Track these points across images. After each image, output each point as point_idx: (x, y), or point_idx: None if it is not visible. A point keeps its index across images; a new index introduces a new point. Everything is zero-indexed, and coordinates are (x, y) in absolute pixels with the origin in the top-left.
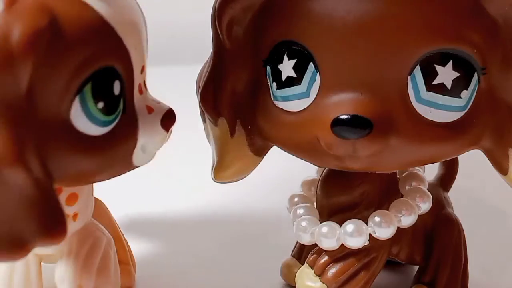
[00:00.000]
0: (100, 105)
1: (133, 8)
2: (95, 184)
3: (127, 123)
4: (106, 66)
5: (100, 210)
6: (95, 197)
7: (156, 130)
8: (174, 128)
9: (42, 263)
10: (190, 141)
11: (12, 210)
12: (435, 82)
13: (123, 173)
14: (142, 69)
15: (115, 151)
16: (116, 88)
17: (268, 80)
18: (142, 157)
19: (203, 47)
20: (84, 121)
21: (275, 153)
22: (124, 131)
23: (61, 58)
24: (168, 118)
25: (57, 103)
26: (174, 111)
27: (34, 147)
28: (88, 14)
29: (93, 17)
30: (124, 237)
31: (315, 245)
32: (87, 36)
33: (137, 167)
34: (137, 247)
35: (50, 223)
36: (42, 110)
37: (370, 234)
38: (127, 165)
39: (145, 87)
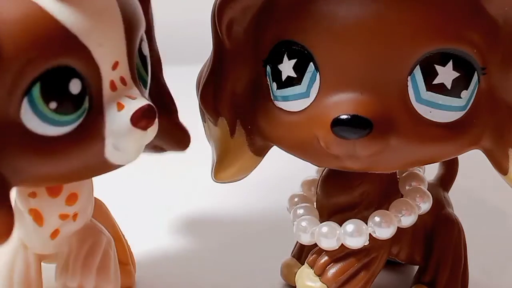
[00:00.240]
0: (53, 105)
1: (102, 2)
2: (95, 184)
3: (92, 122)
4: (58, 66)
5: (100, 210)
6: (95, 197)
7: (125, 129)
8: (153, 121)
9: (42, 263)
10: (190, 141)
11: None
12: (435, 82)
13: (105, 171)
14: (116, 65)
15: (79, 150)
16: (74, 87)
17: (268, 80)
18: (119, 155)
19: (203, 47)
20: (36, 122)
21: (275, 153)
22: (89, 130)
23: (1, 60)
24: (139, 115)
25: (4, 104)
26: (152, 108)
27: None
28: (34, 13)
29: (39, 16)
30: (124, 237)
31: (315, 245)
32: (30, 36)
33: (119, 165)
34: (137, 247)
35: None
36: None
37: (370, 234)
38: (103, 164)
39: (124, 84)
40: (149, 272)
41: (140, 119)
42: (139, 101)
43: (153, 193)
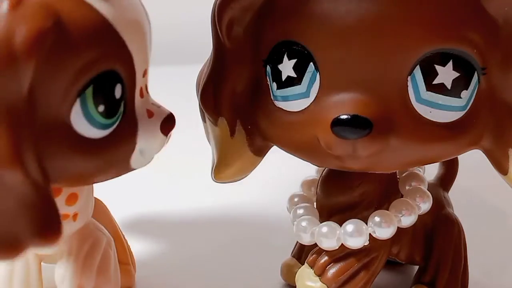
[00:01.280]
0: (101, 108)
1: (138, 9)
2: (95, 185)
3: (126, 127)
4: (108, 70)
5: (100, 210)
6: (95, 197)
7: (155, 135)
8: (174, 128)
9: (42, 263)
10: (190, 141)
11: (9, 211)
12: (435, 82)
13: (121, 174)
14: (144, 73)
15: (113, 154)
16: (118, 91)
17: (268, 80)
18: (140, 160)
19: (203, 47)
20: (84, 124)
21: (275, 153)
22: (123, 134)
23: (64, 60)
24: (167, 123)
25: (57, 105)
26: (174, 115)
27: (33, 149)
28: (93, 17)
29: (97, 19)
30: (124, 237)
31: (315, 245)
32: (91, 39)
33: (134, 169)
34: (137, 247)
35: (46, 225)
36: (42, 112)
37: (370, 234)
38: (125, 168)
39: (147, 91)
40: (149, 272)
41: (167, 126)
42: (163, 109)
43: (153, 193)
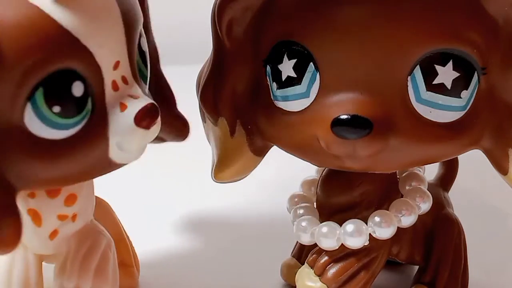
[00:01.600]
0: (56, 109)
1: (101, 2)
2: (98, 185)
3: (96, 123)
4: (60, 69)
5: (104, 211)
6: (100, 198)
7: (129, 129)
8: (156, 120)
9: (43, 263)
10: (190, 141)
11: None
12: (435, 82)
13: (110, 171)
14: (117, 65)
15: (84, 152)
16: (77, 89)
17: (268, 80)
18: (123, 154)
19: (203, 47)
20: (40, 126)
21: (275, 153)
22: (92, 131)
23: (3, 66)
24: (143, 116)
25: (7, 110)
26: (155, 106)
27: None
28: (35, 17)
29: (41, 20)
30: (128, 239)
31: (315, 245)
32: (32, 41)
33: (122, 164)
34: (139, 248)
35: None
36: None
37: (370, 234)
38: (107, 164)
39: (125, 82)
40: (151, 273)
41: (143, 119)
42: (141, 100)
43: (154, 194)
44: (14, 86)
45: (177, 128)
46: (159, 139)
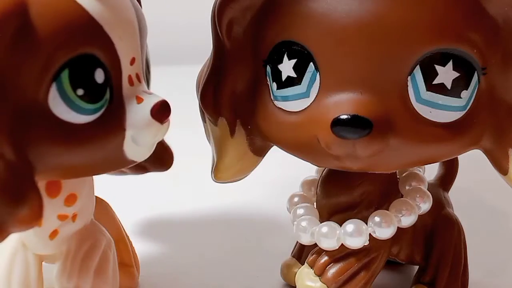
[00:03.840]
0: (80, 92)
1: (123, 2)
2: (98, 185)
3: (114, 113)
4: (84, 53)
5: (105, 211)
6: (101, 198)
7: (145, 121)
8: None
9: (43, 263)
10: (190, 141)
11: None
12: (435, 82)
13: (120, 167)
14: (133, 61)
15: (101, 140)
16: (99, 76)
17: (268, 80)
18: (136, 149)
19: (203, 47)
20: (63, 108)
21: (275, 153)
22: (110, 120)
23: (33, 44)
24: (159, 109)
25: (33, 89)
26: (168, 103)
27: (8, 132)
28: (65, 1)
29: (70, 4)
30: (128, 239)
31: (315, 245)
32: (61, 22)
33: (134, 162)
34: (140, 249)
35: (22, 206)
36: (17, 95)
37: (370, 234)
38: (120, 158)
39: (139, 80)
40: (151, 273)
41: (159, 112)
42: (155, 96)
43: (154, 194)
44: (41, 64)
45: (162, 158)
46: (142, 169)
